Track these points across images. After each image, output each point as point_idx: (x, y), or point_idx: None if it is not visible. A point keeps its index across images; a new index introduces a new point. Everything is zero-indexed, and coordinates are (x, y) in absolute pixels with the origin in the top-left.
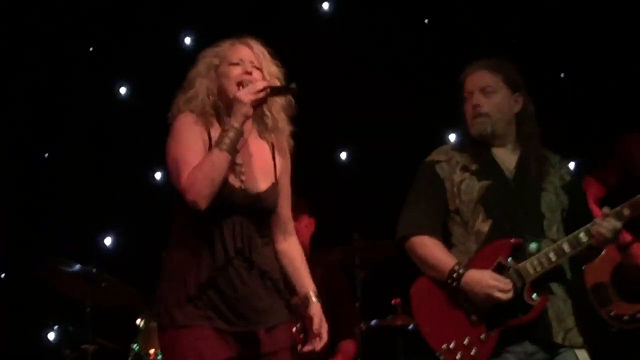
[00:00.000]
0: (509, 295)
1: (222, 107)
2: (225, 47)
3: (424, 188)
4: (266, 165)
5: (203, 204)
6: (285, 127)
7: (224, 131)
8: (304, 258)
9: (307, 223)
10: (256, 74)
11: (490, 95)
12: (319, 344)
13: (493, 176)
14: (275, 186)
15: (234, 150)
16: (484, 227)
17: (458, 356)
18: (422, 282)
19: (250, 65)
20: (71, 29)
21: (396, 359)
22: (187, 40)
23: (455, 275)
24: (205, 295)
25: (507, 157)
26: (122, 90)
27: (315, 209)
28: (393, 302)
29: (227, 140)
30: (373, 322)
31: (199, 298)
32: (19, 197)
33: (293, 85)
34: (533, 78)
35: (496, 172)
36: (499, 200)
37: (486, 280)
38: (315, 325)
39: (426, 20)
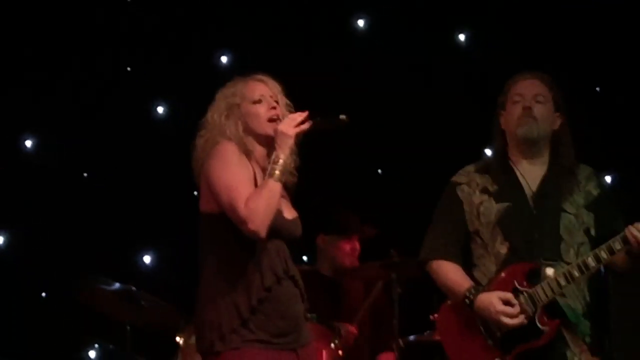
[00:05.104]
0: (518, 321)
1: (250, 142)
2: (240, 85)
3: (445, 210)
4: (286, 196)
5: (264, 233)
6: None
7: (273, 163)
8: None
9: (358, 244)
10: (278, 108)
11: (540, 104)
12: None
13: (512, 198)
14: (298, 216)
15: (283, 181)
16: (503, 249)
17: None
18: (447, 305)
19: (272, 100)
20: (109, 47)
21: None
22: (224, 60)
23: (467, 300)
24: (258, 317)
25: (533, 174)
26: (160, 109)
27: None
28: (431, 317)
29: (277, 172)
30: (411, 338)
31: (252, 320)
32: (58, 217)
33: (343, 117)
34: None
35: (516, 193)
36: (517, 222)
37: (494, 306)
38: None
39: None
